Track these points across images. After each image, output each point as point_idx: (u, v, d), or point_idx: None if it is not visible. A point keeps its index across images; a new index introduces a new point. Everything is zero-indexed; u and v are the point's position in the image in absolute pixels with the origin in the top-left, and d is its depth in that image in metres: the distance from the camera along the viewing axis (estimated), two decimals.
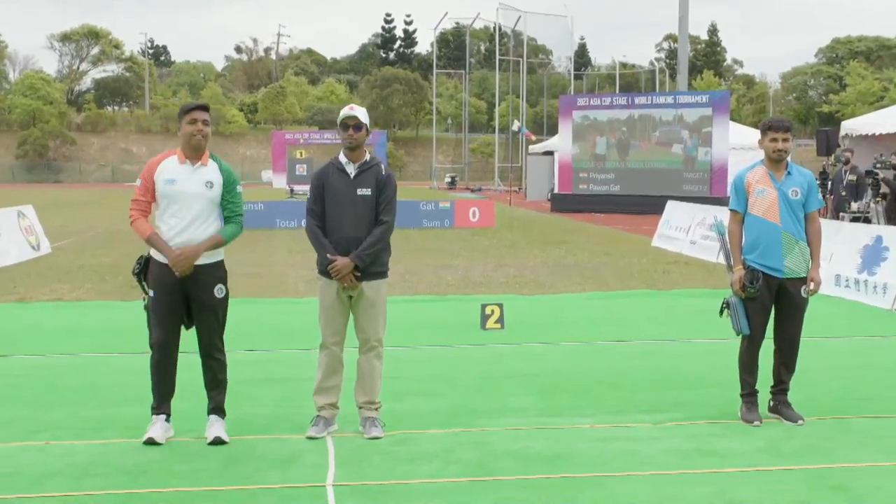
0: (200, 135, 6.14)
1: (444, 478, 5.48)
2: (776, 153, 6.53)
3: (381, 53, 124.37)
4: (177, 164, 6.19)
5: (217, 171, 6.23)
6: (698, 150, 32.52)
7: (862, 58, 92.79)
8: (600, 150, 34.90)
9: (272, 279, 14.68)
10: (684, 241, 19.52)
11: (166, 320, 6.16)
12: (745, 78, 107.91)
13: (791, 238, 6.51)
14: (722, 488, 5.29)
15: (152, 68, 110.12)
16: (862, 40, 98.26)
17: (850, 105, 77.56)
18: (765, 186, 6.56)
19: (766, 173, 6.60)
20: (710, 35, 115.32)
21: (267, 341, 9.64)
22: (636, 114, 34.46)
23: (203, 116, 6.16)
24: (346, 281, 6.22)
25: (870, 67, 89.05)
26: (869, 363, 8.63)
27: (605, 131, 34.84)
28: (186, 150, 6.19)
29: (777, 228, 6.50)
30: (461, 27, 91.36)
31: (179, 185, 6.11)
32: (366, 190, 6.30)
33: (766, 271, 6.54)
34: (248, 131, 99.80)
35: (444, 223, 26.87)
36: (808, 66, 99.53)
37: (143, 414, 6.35)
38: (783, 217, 6.51)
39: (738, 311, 6.61)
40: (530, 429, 6.49)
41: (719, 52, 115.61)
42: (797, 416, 6.57)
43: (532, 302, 12.46)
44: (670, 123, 33.40)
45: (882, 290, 11.96)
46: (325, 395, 6.34)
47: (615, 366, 8.55)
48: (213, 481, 5.43)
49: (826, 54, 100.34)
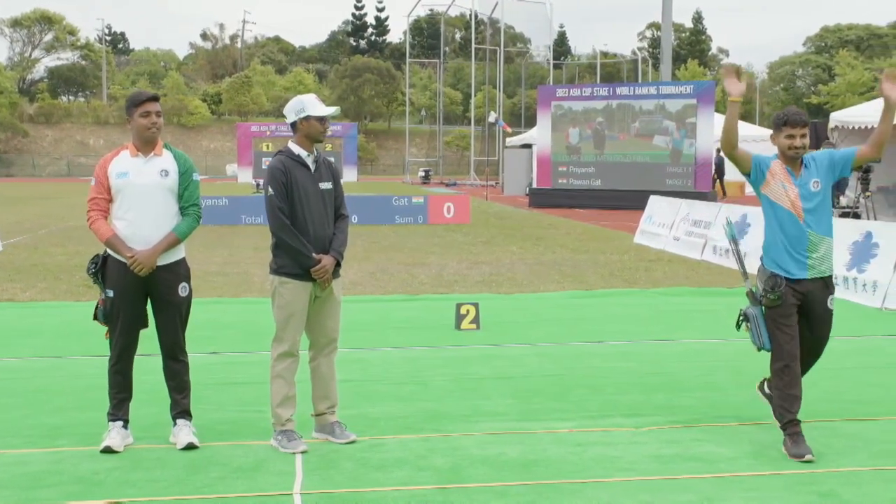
0: (154, 127, 5.98)
1: (416, 485, 5.33)
2: (792, 150, 5.91)
3: (351, 41, 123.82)
4: (129, 157, 6.02)
5: (172, 159, 6.08)
6: (684, 142, 32.34)
7: (852, 47, 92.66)
8: (574, 140, 34.70)
9: (237, 277, 14.43)
10: (667, 237, 19.38)
11: (126, 322, 6.00)
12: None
13: (816, 235, 5.94)
14: (705, 496, 5.16)
15: (110, 56, 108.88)
16: (852, 28, 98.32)
17: (839, 96, 77.15)
18: (785, 182, 5.95)
19: (783, 169, 5.98)
20: (694, 23, 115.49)
21: (231, 343, 9.41)
22: (614, 104, 34.15)
23: (156, 108, 6.01)
24: (328, 281, 6.01)
25: (860, 57, 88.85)
26: (858, 364, 8.52)
27: (582, 122, 34.68)
28: (138, 143, 6.03)
29: (801, 226, 5.91)
30: (435, 14, 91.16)
31: (133, 177, 5.94)
32: (327, 183, 6.11)
33: (787, 276, 5.91)
34: (212, 123, 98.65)
35: (417, 219, 26.67)
36: (796, 56, 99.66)
37: (100, 420, 6.17)
38: (807, 211, 5.92)
39: (759, 324, 5.94)
40: (506, 433, 6.34)
41: (704, 40, 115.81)
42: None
43: (509, 301, 12.31)
44: (651, 114, 33.23)
45: (872, 287, 11.84)
46: (290, 407, 6.08)
47: (595, 367, 8.42)
48: (174, 490, 5.26)
49: (815, 43, 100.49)
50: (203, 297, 11.07)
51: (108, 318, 6.00)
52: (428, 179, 66.68)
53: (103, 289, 6.00)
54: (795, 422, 5.90)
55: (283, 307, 6.01)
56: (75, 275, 14.10)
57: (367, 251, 18.37)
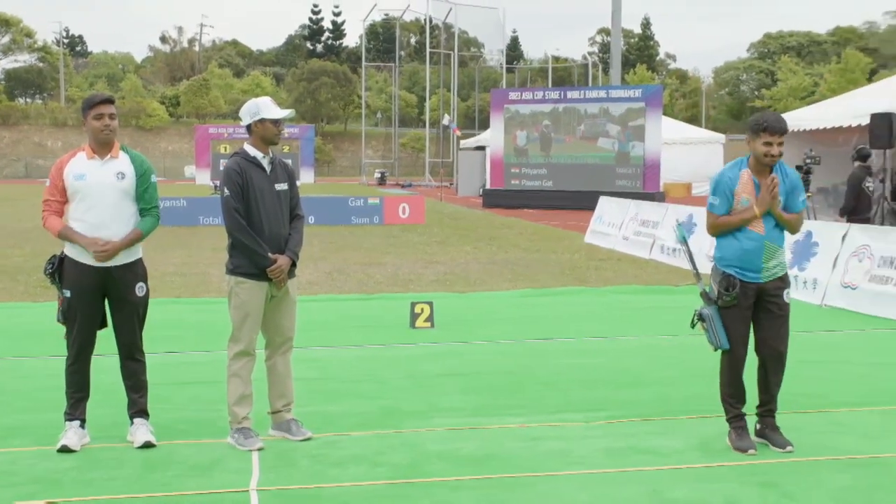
0: (108, 130, 5.96)
1: (373, 480, 5.37)
2: (768, 158, 5.86)
3: (308, 45, 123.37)
4: (85, 159, 6.00)
5: (128, 161, 6.05)
6: (630, 144, 32.71)
7: (793, 53, 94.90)
8: (521, 142, 34.97)
9: (195, 278, 14.37)
10: (617, 236, 19.61)
11: (83, 321, 5.97)
12: (679, 72, 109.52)
13: (773, 247, 5.99)
14: (655, 487, 5.25)
15: (68, 59, 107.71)
16: (793, 35, 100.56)
17: (782, 100, 79.39)
18: (749, 196, 5.92)
19: (750, 180, 5.94)
20: (643, 29, 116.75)
21: (188, 343, 9.39)
22: (560, 108, 34.45)
23: (109, 110, 5.98)
24: (284, 281, 6.04)
25: (801, 63, 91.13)
26: (800, 359, 8.57)
27: (530, 125, 34.93)
28: (94, 145, 6.01)
29: (760, 238, 5.91)
30: (391, 19, 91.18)
31: (89, 178, 5.92)
32: (283, 184, 6.14)
33: (742, 277, 5.95)
34: (170, 125, 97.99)
35: (373, 220, 26.70)
36: (740, 61, 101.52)
37: (56, 421, 6.12)
38: (767, 227, 5.96)
39: (716, 324, 5.94)
40: (461, 429, 6.39)
41: (653, 46, 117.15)
42: (786, 443, 5.97)
43: (463, 300, 12.39)
44: (596, 117, 33.57)
45: (812, 285, 12.10)
46: (247, 405, 6.10)
47: (547, 364, 8.49)
48: (130, 489, 5.23)
49: (758, 49, 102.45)
50: (161, 298, 11.03)
51: (66, 317, 5.98)
52: (384, 181, 66.59)
53: (60, 289, 5.98)
54: (741, 416, 6.04)
55: (240, 307, 6.03)
56: (32, 275, 13.94)
57: (323, 251, 18.35)
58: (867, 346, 9.46)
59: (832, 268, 11.91)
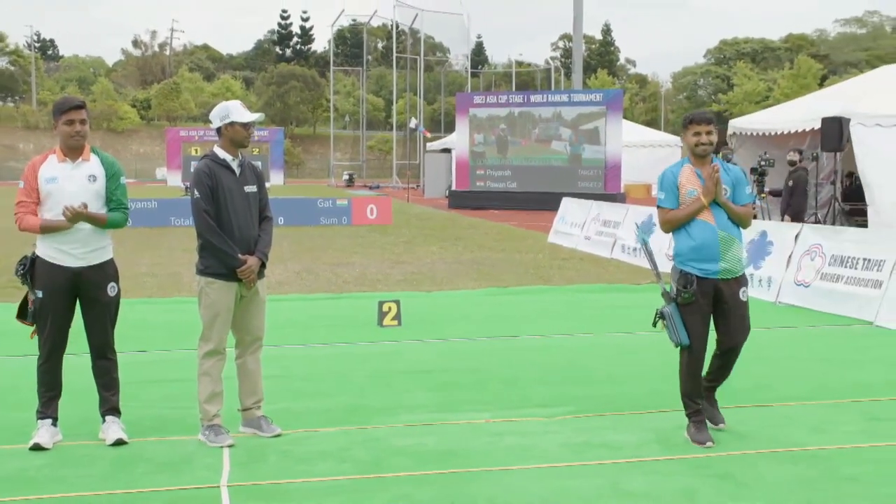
0: (79, 136, 6.02)
1: (340, 476, 5.46)
2: (700, 147, 6.17)
3: (277, 50, 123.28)
4: (56, 162, 6.05)
5: (99, 164, 6.12)
6: (582, 147, 33.06)
7: (748, 59, 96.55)
8: (478, 146, 35.27)
9: (166, 278, 14.40)
10: (579, 236, 19.83)
11: (55, 321, 6.02)
12: (638, 77, 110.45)
13: (727, 237, 6.12)
14: (613, 480, 5.38)
15: (39, 62, 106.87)
16: (748, 42, 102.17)
17: (737, 104, 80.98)
18: (695, 187, 6.15)
19: (693, 172, 6.20)
20: (604, 35, 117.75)
21: (159, 342, 9.45)
22: (516, 112, 34.74)
23: (80, 116, 6.02)
24: (254, 281, 6.12)
25: (755, 68, 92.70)
26: (755, 355, 8.71)
27: (487, 129, 35.20)
28: (65, 149, 6.07)
29: (712, 228, 6.09)
30: (358, 24, 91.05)
31: (61, 182, 5.98)
32: (252, 186, 6.23)
33: (699, 274, 6.11)
34: (142, 128, 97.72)
35: (341, 220, 26.80)
36: (697, 67, 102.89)
37: (28, 419, 6.17)
38: (717, 216, 6.12)
39: (676, 321, 6.12)
40: (424, 425, 6.50)
41: (613, 51, 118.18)
42: (719, 420, 6.33)
43: (429, 299, 12.52)
44: (549, 121, 33.88)
45: (767, 283, 12.37)
46: (217, 402, 6.17)
47: (511, 361, 8.61)
48: (102, 486, 5.30)
49: (714, 55, 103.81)
50: (132, 298, 11.06)
51: (37, 318, 6.03)
52: (352, 182, 66.63)
53: (32, 289, 6.03)
54: (699, 410, 6.23)
55: (210, 306, 6.11)
56: (1, 276, 13.88)
57: (293, 252, 18.40)
58: (817, 343, 9.69)
59: (786, 266, 12.18)
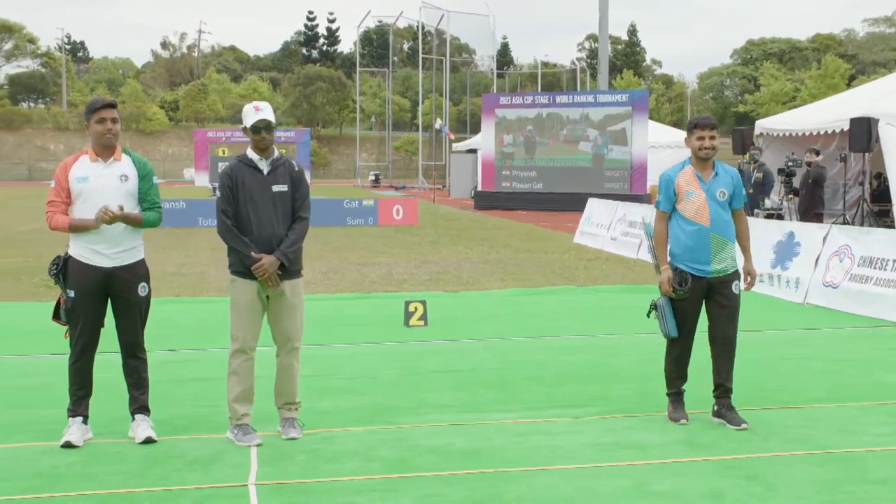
0: (110, 134, 6.07)
1: (367, 475, 5.48)
2: (703, 151, 6.41)
3: (303, 51, 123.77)
4: (88, 162, 6.11)
5: (131, 164, 6.17)
6: (608, 148, 32.97)
7: (775, 59, 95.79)
8: (508, 146, 35.27)
9: (194, 278, 14.52)
10: (605, 237, 19.81)
11: (87, 321, 6.07)
12: (664, 78, 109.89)
13: (720, 239, 6.40)
14: (640, 481, 5.37)
15: (69, 64, 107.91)
16: (775, 42, 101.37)
17: (764, 105, 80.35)
18: (693, 188, 6.41)
19: (693, 174, 6.46)
20: (629, 36, 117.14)
21: (187, 341, 9.53)
22: (544, 113, 34.72)
23: (112, 115, 6.08)
24: (270, 280, 6.10)
25: (782, 69, 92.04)
26: (781, 356, 8.85)
27: (515, 129, 35.21)
28: (97, 148, 6.12)
29: (706, 230, 6.37)
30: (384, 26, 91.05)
31: (93, 181, 6.03)
32: (282, 186, 6.22)
33: (693, 272, 6.42)
34: (170, 129, 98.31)
35: (367, 221, 26.87)
36: (723, 67, 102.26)
37: (60, 417, 6.23)
38: (713, 219, 6.38)
39: (667, 314, 6.45)
40: (452, 425, 6.51)
41: (639, 52, 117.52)
42: (740, 421, 6.42)
43: (455, 298, 12.54)
44: (577, 122, 33.82)
45: (794, 284, 12.31)
46: (247, 402, 6.22)
47: (537, 361, 8.62)
48: (132, 483, 5.35)
49: (741, 55, 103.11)
50: (161, 297, 11.16)
51: (70, 317, 6.08)
52: (378, 183, 66.76)
53: (65, 289, 6.08)
54: (679, 392, 6.65)
55: (232, 304, 6.20)
56: (34, 276, 14.03)
57: (319, 251, 18.48)
58: (844, 344, 9.64)
59: (814, 267, 12.11)
